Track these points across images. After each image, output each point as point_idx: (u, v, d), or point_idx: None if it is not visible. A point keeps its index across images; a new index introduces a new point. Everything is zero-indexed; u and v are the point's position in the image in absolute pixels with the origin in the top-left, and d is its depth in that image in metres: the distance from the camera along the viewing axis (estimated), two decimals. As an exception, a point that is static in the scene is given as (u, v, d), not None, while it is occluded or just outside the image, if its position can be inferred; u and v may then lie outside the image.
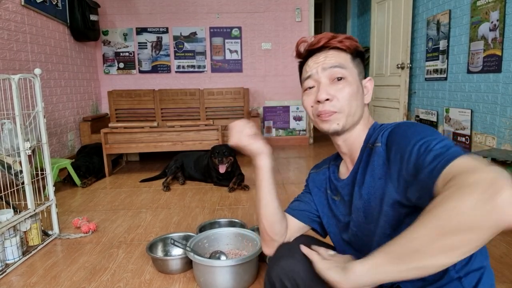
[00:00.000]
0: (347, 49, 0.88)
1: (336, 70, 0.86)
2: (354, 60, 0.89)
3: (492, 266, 1.63)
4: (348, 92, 0.85)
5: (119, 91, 4.77)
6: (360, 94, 0.88)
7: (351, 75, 0.87)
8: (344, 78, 0.86)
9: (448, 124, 3.35)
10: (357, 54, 0.90)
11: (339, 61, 0.86)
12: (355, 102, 0.86)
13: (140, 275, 1.64)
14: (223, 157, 2.93)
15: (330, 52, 0.88)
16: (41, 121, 1.98)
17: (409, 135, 0.73)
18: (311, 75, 0.89)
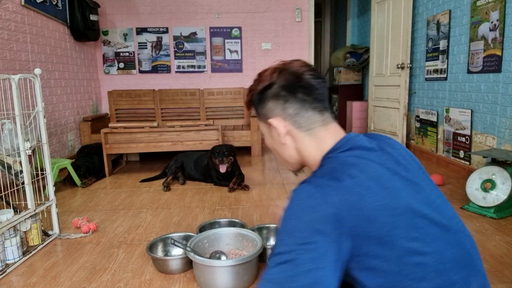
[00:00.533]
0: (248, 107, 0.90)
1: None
2: (256, 112, 0.89)
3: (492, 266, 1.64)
4: (270, 146, 0.90)
5: (119, 91, 4.77)
6: (273, 143, 0.88)
7: (262, 130, 0.90)
8: (264, 136, 0.90)
9: (448, 124, 3.35)
10: (252, 103, 0.89)
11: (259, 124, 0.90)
12: (277, 153, 0.90)
13: (140, 275, 1.64)
14: (224, 157, 2.93)
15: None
16: (41, 121, 1.98)
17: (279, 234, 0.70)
18: None
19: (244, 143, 4.17)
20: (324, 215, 0.66)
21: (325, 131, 0.83)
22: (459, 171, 3.18)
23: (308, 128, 0.83)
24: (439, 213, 0.76)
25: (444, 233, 0.72)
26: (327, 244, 0.65)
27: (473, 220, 2.17)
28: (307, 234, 0.65)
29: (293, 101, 0.83)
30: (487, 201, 2.21)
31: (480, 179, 2.28)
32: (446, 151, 3.44)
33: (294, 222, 0.67)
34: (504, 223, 2.12)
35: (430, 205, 0.75)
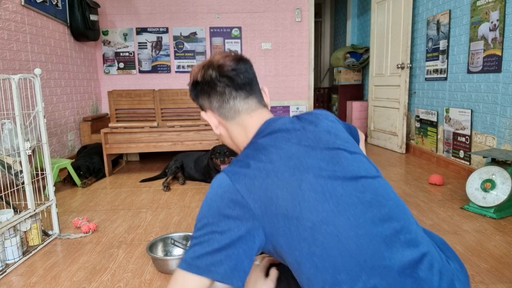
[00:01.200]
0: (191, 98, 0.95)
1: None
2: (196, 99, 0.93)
3: (492, 266, 1.64)
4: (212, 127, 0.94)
5: (119, 91, 4.76)
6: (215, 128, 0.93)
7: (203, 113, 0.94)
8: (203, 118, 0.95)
9: (448, 124, 3.35)
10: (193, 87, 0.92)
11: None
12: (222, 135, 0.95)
13: (140, 275, 1.64)
14: (225, 157, 2.93)
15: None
16: (41, 121, 1.98)
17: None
18: None
19: (244, 143, 4.17)
20: (230, 200, 0.73)
21: (249, 118, 0.88)
22: (459, 171, 3.18)
23: (232, 117, 0.88)
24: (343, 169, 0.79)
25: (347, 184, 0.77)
26: (236, 227, 0.72)
27: (473, 220, 2.17)
28: (217, 219, 0.73)
29: (215, 95, 0.88)
30: (487, 201, 2.21)
31: (480, 179, 2.28)
32: (446, 151, 3.44)
33: (205, 210, 0.75)
34: (504, 223, 2.12)
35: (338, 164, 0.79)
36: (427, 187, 2.87)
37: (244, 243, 0.72)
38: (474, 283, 1.50)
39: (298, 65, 4.96)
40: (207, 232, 0.73)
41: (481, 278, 1.54)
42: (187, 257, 0.73)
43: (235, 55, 0.89)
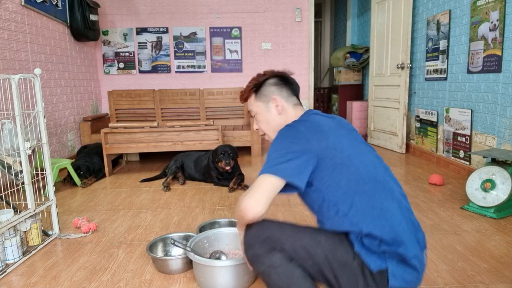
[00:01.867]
0: (247, 99, 1.35)
1: (252, 113, 1.36)
2: (257, 97, 1.32)
3: (492, 266, 1.63)
4: (259, 120, 1.33)
5: (119, 91, 4.77)
6: (268, 113, 1.31)
7: (259, 109, 1.32)
8: (255, 113, 1.34)
9: (448, 124, 3.35)
10: (255, 91, 1.32)
11: (250, 107, 1.35)
12: (267, 123, 1.32)
13: (140, 275, 1.64)
14: (230, 158, 2.93)
15: (248, 101, 1.36)
16: (41, 121, 1.98)
17: (269, 149, 1.13)
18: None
19: (244, 143, 4.17)
20: (297, 137, 1.10)
21: (297, 107, 1.36)
22: (459, 171, 3.18)
23: (291, 105, 1.33)
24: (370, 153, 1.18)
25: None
26: (301, 152, 1.06)
27: (473, 220, 2.18)
28: (288, 146, 1.08)
29: (285, 89, 1.33)
30: (487, 201, 2.21)
31: (480, 179, 2.28)
32: (446, 151, 3.44)
33: (278, 143, 1.11)
34: (504, 223, 2.12)
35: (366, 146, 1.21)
36: (427, 187, 2.87)
37: (305, 160, 1.05)
38: (474, 283, 1.50)
39: (298, 65, 4.96)
40: (283, 154, 1.06)
41: (481, 278, 1.54)
42: (268, 165, 1.05)
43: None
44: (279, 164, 1.03)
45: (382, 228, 1.01)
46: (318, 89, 7.11)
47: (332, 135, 1.10)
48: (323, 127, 1.12)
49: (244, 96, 1.34)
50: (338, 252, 1.02)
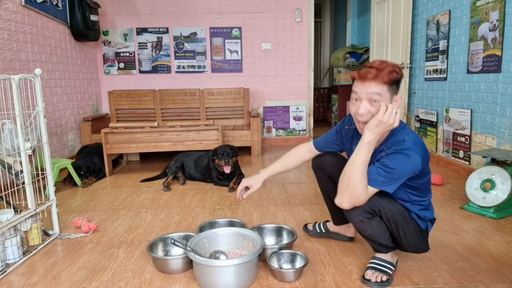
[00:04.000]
0: (386, 83, 1.30)
1: (374, 96, 1.31)
2: (389, 87, 1.32)
3: (492, 266, 1.63)
4: (377, 110, 1.31)
5: (119, 91, 4.77)
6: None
7: (384, 99, 1.31)
8: (378, 99, 1.31)
9: (448, 124, 3.35)
10: (394, 82, 1.33)
11: (377, 90, 1.30)
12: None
13: (141, 275, 1.64)
14: (229, 158, 2.93)
15: (374, 82, 1.30)
16: (41, 121, 1.98)
17: (391, 164, 1.33)
18: (357, 93, 1.35)
19: (244, 143, 4.18)
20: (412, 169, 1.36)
21: None
22: (459, 171, 3.18)
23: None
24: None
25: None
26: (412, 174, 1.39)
27: (473, 220, 2.18)
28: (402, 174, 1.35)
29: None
30: (487, 201, 2.21)
31: (479, 179, 2.29)
32: (445, 151, 3.44)
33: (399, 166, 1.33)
34: (504, 223, 2.12)
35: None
36: (427, 187, 2.87)
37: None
38: (474, 283, 1.51)
39: (298, 65, 4.96)
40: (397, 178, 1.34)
41: (481, 278, 1.54)
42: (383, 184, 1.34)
43: None
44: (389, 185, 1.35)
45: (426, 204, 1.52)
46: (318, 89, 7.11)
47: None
48: (424, 155, 1.39)
49: (379, 78, 1.29)
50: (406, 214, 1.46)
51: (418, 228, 1.49)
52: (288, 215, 2.33)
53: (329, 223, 1.97)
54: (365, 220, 1.42)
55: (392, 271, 1.53)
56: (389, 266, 1.53)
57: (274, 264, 1.60)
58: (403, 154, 1.31)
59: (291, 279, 1.54)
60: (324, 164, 1.71)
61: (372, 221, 1.42)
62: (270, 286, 1.52)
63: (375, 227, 1.44)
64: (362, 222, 1.42)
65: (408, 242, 1.48)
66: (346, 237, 1.91)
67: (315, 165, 1.77)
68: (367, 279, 1.51)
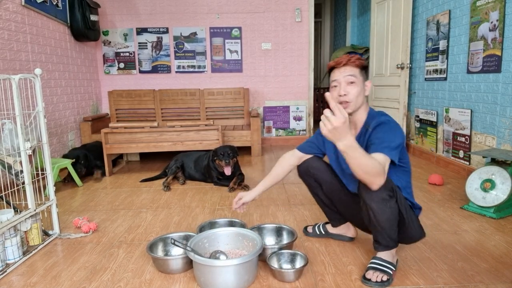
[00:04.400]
0: (357, 66, 1.54)
1: (350, 78, 1.53)
2: (361, 71, 1.56)
3: (492, 266, 1.63)
4: (356, 91, 1.53)
5: (119, 91, 4.77)
6: (362, 91, 1.55)
7: (358, 80, 1.53)
8: (354, 82, 1.53)
9: (448, 124, 3.35)
10: (363, 67, 1.57)
11: (352, 73, 1.53)
12: (359, 97, 1.54)
13: (141, 275, 1.64)
14: (230, 159, 2.93)
15: (348, 67, 1.54)
16: (41, 121, 1.98)
17: (384, 136, 1.46)
18: (336, 79, 1.56)
19: (244, 143, 4.18)
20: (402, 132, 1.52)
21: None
22: (459, 171, 3.18)
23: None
24: None
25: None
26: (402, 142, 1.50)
27: (473, 220, 2.18)
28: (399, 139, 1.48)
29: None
30: (487, 201, 2.21)
31: (479, 179, 2.29)
32: (445, 151, 3.44)
33: (394, 133, 1.48)
34: (504, 223, 2.12)
35: None
36: (427, 187, 2.87)
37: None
38: (474, 283, 1.51)
39: (298, 65, 4.96)
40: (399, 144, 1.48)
41: (481, 278, 1.54)
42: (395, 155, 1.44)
43: None
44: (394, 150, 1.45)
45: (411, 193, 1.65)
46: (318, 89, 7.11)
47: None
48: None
49: (352, 62, 1.53)
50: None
51: (414, 215, 1.60)
52: (288, 215, 2.33)
53: (329, 225, 1.97)
54: (387, 198, 1.43)
55: (393, 271, 1.53)
56: (389, 266, 1.53)
57: (274, 264, 1.60)
58: (385, 124, 1.49)
59: (291, 279, 1.54)
60: (309, 167, 1.77)
61: (391, 201, 1.45)
62: (270, 286, 1.52)
63: (393, 208, 1.45)
64: (385, 200, 1.43)
65: (413, 226, 1.56)
66: (347, 237, 1.91)
67: (300, 170, 1.81)
68: (368, 279, 1.51)
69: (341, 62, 1.54)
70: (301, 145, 1.84)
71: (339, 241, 1.92)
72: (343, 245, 1.88)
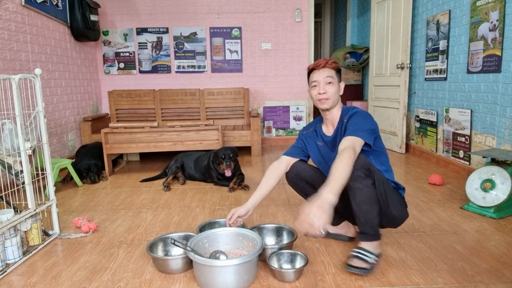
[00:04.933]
0: (333, 68, 1.73)
1: (328, 79, 1.71)
2: (336, 73, 1.75)
3: (492, 266, 1.64)
4: (333, 89, 1.72)
5: (119, 91, 4.77)
6: (338, 91, 1.75)
7: (335, 81, 1.73)
8: (331, 82, 1.72)
9: (448, 124, 3.35)
10: (338, 70, 1.76)
11: (330, 74, 1.72)
12: (335, 95, 1.73)
13: (141, 275, 1.64)
14: (231, 161, 2.93)
15: (326, 69, 1.72)
16: (41, 121, 1.98)
17: (356, 122, 1.65)
18: (316, 80, 1.74)
19: (244, 143, 4.18)
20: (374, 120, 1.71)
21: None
22: (459, 171, 3.18)
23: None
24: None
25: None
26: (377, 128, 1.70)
27: (472, 220, 2.18)
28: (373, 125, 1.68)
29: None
30: (487, 201, 2.21)
31: (479, 179, 2.29)
32: (445, 151, 3.44)
33: (367, 120, 1.66)
34: (504, 223, 2.12)
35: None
36: (427, 187, 2.87)
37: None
38: (474, 283, 1.51)
39: (298, 65, 4.96)
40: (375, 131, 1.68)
41: (481, 278, 1.54)
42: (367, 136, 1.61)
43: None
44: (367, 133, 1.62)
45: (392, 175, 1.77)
46: (318, 89, 7.11)
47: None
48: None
49: (330, 65, 1.71)
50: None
51: (399, 196, 1.72)
52: (288, 215, 2.33)
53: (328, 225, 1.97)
54: (362, 175, 1.52)
55: (374, 260, 1.58)
56: (371, 256, 1.59)
57: (274, 264, 1.60)
58: (357, 113, 1.68)
59: (291, 279, 1.54)
60: (299, 170, 1.85)
61: (367, 179, 1.53)
62: (270, 286, 1.52)
63: (370, 188, 1.54)
64: (359, 177, 1.52)
65: (394, 207, 1.65)
66: (347, 237, 1.91)
67: (290, 176, 1.88)
68: (351, 265, 1.57)
69: (320, 64, 1.71)
70: (287, 151, 1.93)
71: (339, 241, 1.92)
72: (343, 245, 1.88)
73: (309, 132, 1.89)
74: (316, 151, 1.84)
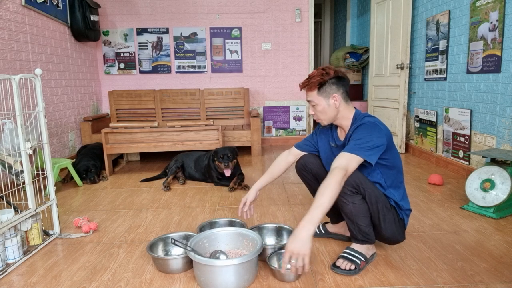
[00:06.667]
0: (312, 89, 1.65)
1: (310, 102, 1.69)
2: (319, 91, 1.64)
3: (492, 266, 1.64)
4: (319, 110, 1.67)
5: (119, 91, 4.77)
6: (327, 107, 1.65)
7: (318, 101, 1.66)
8: (314, 104, 1.67)
9: (448, 124, 3.36)
10: (321, 84, 1.64)
11: (310, 98, 1.68)
12: (324, 114, 1.67)
13: (141, 274, 1.64)
14: (229, 161, 2.93)
15: (307, 92, 1.69)
16: (42, 121, 1.99)
17: (359, 138, 1.55)
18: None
19: (244, 143, 4.18)
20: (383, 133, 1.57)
21: (350, 105, 1.70)
22: (459, 171, 3.18)
23: (345, 101, 1.67)
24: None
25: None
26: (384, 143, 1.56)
27: (472, 220, 2.18)
28: (374, 140, 1.54)
29: (342, 88, 1.65)
30: (487, 201, 2.22)
31: (479, 179, 2.29)
32: (445, 151, 3.44)
33: (371, 135, 1.54)
34: (504, 223, 2.13)
35: None
36: (427, 187, 2.87)
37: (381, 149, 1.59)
38: (474, 283, 1.51)
39: (298, 65, 4.96)
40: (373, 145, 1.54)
41: (481, 278, 1.54)
42: (368, 155, 1.51)
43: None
44: (368, 150, 1.52)
45: (401, 193, 1.69)
46: (318, 89, 7.11)
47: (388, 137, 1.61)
48: (387, 130, 1.61)
49: (308, 88, 1.65)
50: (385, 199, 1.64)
51: (397, 216, 1.64)
52: (288, 215, 2.34)
53: (328, 224, 1.97)
54: (348, 192, 1.53)
55: (362, 262, 1.61)
56: (359, 257, 1.61)
57: (274, 264, 1.60)
58: (363, 125, 1.58)
59: (291, 279, 1.54)
60: (306, 163, 1.84)
61: (354, 196, 1.54)
62: (270, 286, 1.52)
63: (357, 204, 1.55)
64: (345, 194, 1.53)
65: (386, 227, 1.60)
66: (346, 237, 1.91)
67: (298, 166, 1.88)
68: (337, 266, 1.60)
69: (300, 86, 1.70)
70: (299, 143, 1.93)
71: (339, 240, 1.92)
72: (343, 245, 1.88)
73: (326, 129, 1.85)
74: (327, 149, 1.82)
